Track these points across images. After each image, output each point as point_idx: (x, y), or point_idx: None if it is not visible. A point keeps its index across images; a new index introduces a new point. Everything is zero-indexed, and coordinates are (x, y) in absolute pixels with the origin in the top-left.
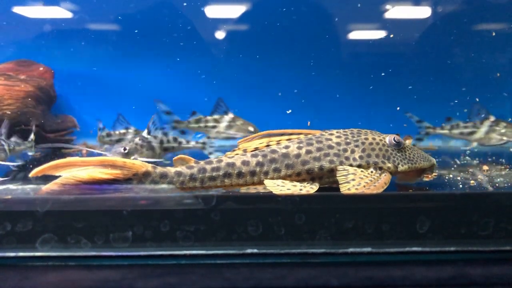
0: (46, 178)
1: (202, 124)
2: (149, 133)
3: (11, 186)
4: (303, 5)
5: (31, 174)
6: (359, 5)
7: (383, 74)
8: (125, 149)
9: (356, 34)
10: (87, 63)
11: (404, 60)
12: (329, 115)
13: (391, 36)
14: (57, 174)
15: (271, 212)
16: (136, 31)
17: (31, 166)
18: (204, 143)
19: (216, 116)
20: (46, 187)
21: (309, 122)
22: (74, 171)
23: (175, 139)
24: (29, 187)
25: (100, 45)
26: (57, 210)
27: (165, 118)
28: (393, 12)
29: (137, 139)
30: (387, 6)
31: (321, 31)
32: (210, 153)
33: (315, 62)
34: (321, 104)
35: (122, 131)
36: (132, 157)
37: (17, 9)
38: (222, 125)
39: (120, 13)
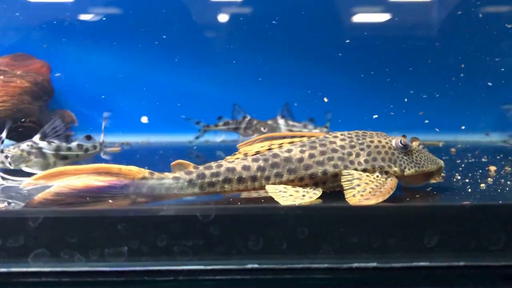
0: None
1: (230, 126)
2: (43, 137)
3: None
4: None
5: (22, 185)
6: None
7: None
8: (7, 156)
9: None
10: (86, 56)
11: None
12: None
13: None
14: (50, 183)
15: (272, 225)
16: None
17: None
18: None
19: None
20: (39, 197)
21: (325, 98)
22: (68, 179)
23: (79, 146)
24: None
25: (101, 37)
26: (50, 223)
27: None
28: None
29: (24, 145)
30: None
31: None
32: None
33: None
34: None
35: (239, 119)
36: (14, 166)
37: None
38: (242, 126)
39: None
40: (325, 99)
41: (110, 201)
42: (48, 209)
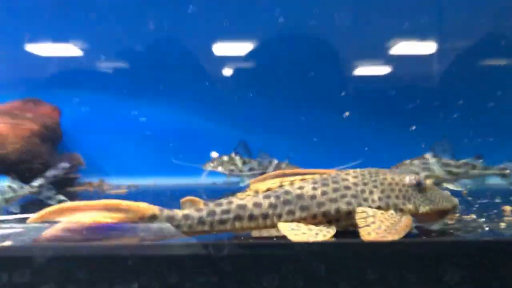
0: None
1: (256, 172)
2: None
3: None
4: None
5: (29, 220)
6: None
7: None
8: None
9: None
10: (94, 101)
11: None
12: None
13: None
14: (58, 219)
15: (287, 261)
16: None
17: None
18: (40, 186)
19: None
20: (47, 233)
21: (347, 113)
22: (76, 215)
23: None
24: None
25: (107, 83)
26: (57, 259)
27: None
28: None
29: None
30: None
31: None
32: (49, 198)
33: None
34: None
35: (266, 164)
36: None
37: (28, 47)
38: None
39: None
40: (347, 114)
41: (120, 237)
42: (56, 244)
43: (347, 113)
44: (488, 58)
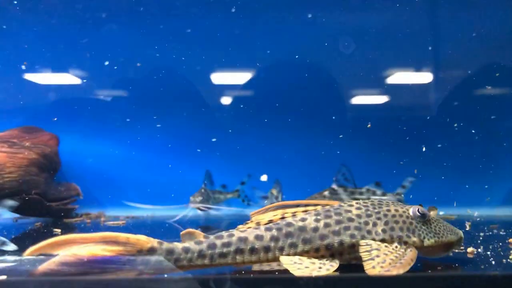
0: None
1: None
2: None
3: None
4: None
5: (25, 254)
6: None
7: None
8: None
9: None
10: (92, 129)
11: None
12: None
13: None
14: (55, 252)
15: None
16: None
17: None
18: None
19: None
20: (43, 267)
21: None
22: (73, 249)
23: None
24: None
25: (106, 111)
26: None
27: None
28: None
29: None
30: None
31: None
32: None
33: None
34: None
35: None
36: None
37: (27, 76)
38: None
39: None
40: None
41: (117, 272)
42: (52, 278)
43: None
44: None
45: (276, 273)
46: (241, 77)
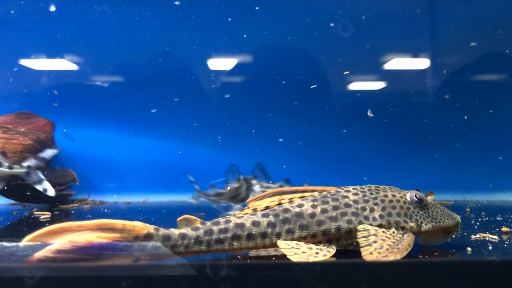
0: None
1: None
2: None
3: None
4: None
5: (23, 242)
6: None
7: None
8: None
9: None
10: (88, 116)
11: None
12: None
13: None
14: (51, 241)
15: (287, 283)
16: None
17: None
18: (29, 167)
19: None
20: (39, 254)
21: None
22: (70, 236)
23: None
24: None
25: (101, 97)
26: (48, 281)
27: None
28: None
29: None
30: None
31: None
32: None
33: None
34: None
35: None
36: None
37: (22, 61)
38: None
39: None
40: (370, 114)
41: (113, 258)
42: (47, 265)
43: (370, 113)
44: None
45: (273, 258)
46: (231, 63)
